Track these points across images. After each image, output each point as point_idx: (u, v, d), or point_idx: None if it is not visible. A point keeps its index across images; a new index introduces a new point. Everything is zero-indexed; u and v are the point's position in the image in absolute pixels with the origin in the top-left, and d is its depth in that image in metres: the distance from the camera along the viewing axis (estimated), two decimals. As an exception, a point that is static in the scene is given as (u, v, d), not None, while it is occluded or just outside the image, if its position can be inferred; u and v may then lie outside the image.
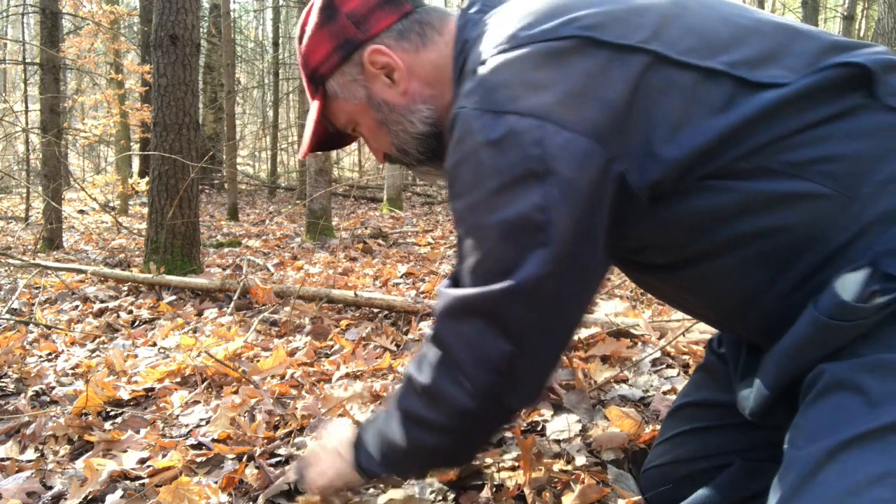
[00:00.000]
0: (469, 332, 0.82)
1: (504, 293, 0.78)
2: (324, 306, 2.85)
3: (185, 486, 1.26)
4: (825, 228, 0.76)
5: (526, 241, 0.77)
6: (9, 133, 11.34)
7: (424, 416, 0.89)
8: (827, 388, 0.73)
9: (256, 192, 14.31)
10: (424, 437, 0.91)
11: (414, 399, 0.90)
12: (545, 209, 0.76)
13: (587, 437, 1.45)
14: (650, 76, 0.77)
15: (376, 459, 0.99)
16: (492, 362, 0.81)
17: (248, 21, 21.33)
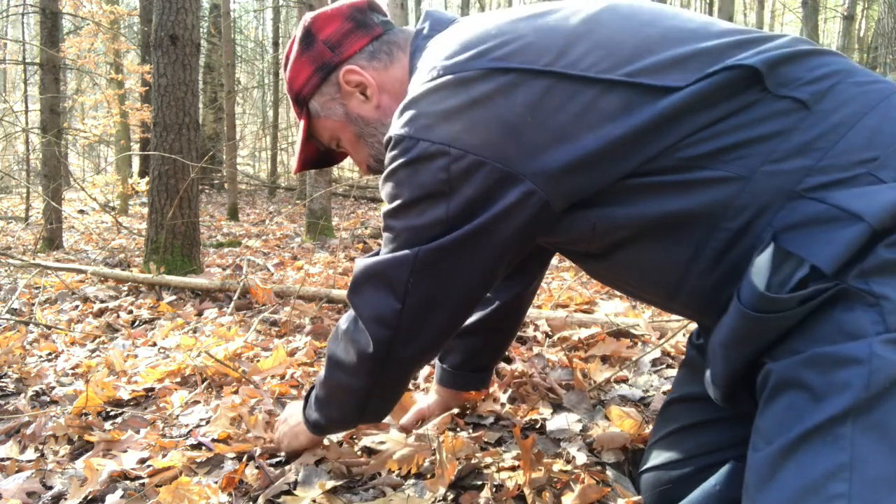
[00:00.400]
0: (364, 294, 1.00)
1: (398, 260, 0.93)
2: (324, 306, 2.85)
3: (185, 486, 1.26)
4: (729, 209, 0.82)
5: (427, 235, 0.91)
6: (9, 133, 11.33)
7: (341, 357, 1.07)
8: (776, 388, 0.76)
9: (256, 192, 14.32)
10: (340, 376, 1.09)
11: (335, 343, 1.09)
12: (445, 222, 0.90)
13: (587, 437, 1.45)
14: (552, 95, 0.84)
15: (313, 406, 1.19)
16: (384, 317, 0.98)
17: (248, 21, 21.35)
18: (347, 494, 1.27)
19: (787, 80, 0.83)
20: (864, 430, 0.68)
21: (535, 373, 1.84)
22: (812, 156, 0.79)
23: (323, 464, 1.37)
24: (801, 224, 0.78)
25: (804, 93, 0.82)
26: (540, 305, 2.71)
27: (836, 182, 0.78)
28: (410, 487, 1.28)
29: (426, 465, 1.35)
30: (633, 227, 0.88)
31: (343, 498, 1.25)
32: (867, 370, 0.69)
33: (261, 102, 20.03)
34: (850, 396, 0.69)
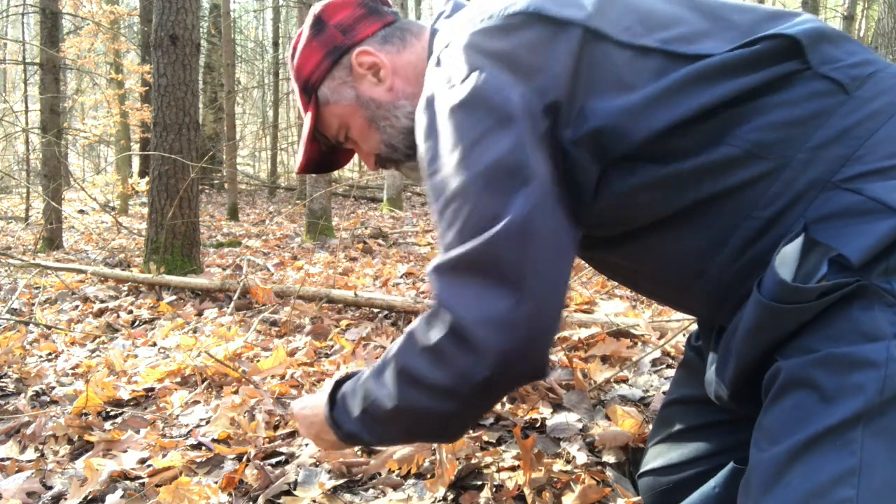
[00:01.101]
0: (469, 291, 0.79)
1: (496, 238, 0.77)
2: (324, 306, 2.85)
3: (185, 486, 1.26)
4: (759, 196, 0.79)
5: (508, 184, 0.78)
6: (9, 133, 11.34)
7: (426, 376, 0.82)
8: (784, 387, 0.75)
9: (256, 192, 14.31)
10: (420, 398, 0.84)
11: (415, 357, 0.84)
12: (516, 150, 0.79)
13: (587, 437, 1.45)
14: (590, 50, 0.83)
15: (354, 415, 0.94)
16: (497, 318, 0.77)
17: (248, 21, 21.35)
18: (347, 494, 1.27)
19: (827, 59, 0.80)
20: (875, 434, 0.67)
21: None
22: (849, 144, 0.77)
23: (323, 464, 1.37)
24: (835, 215, 0.75)
25: (844, 75, 0.79)
26: (540, 305, 2.70)
27: (873, 172, 0.75)
28: (410, 487, 1.28)
29: (426, 465, 1.35)
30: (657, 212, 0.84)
31: (343, 498, 1.25)
32: (882, 374, 0.68)
33: (261, 102, 20.03)
34: (862, 400, 0.68)
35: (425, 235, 6.24)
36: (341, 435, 0.98)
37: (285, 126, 18.11)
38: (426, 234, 6.39)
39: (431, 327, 0.82)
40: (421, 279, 3.75)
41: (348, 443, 1.03)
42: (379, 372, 0.91)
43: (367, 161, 1.12)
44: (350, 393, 0.96)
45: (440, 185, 0.83)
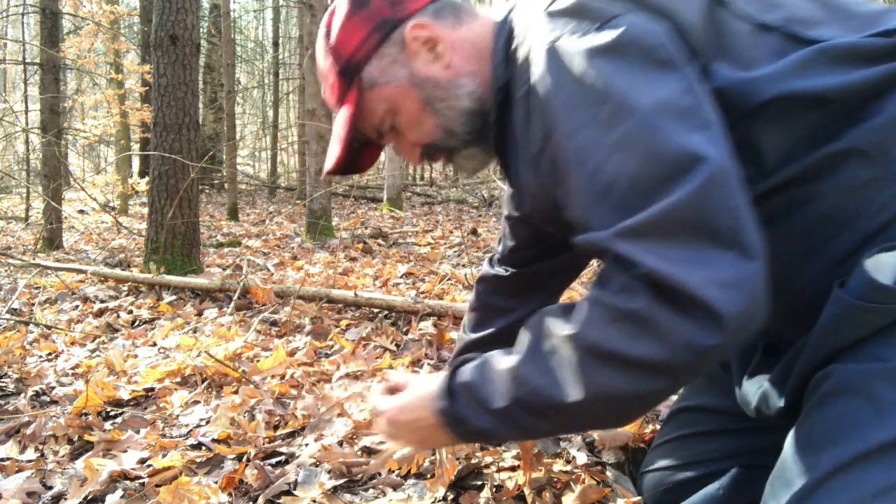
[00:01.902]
0: (682, 250, 0.66)
1: (702, 188, 0.65)
2: (324, 306, 2.85)
3: (185, 486, 1.26)
4: (865, 204, 0.74)
5: (689, 126, 0.68)
6: (9, 133, 11.34)
7: (631, 350, 0.68)
8: (835, 392, 0.72)
9: (256, 192, 14.32)
10: (618, 379, 0.69)
11: (611, 328, 0.69)
12: (687, 92, 0.70)
13: (587, 437, 1.45)
14: (715, 12, 0.78)
15: (493, 407, 0.77)
16: (727, 277, 0.65)
17: (248, 21, 21.36)
18: (347, 494, 1.27)
19: None
20: None
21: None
22: None
23: (323, 464, 1.37)
24: None
25: None
26: (540, 305, 2.70)
27: None
28: (410, 487, 1.28)
29: (426, 465, 1.35)
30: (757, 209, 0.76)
31: (343, 498, 1.25)
32: None
33: (261, 102, 20.03)
34: None
35: (425, 235, 6.24)
36: (463, 432, 0.82)
37: (285, 126, 18.11)
38: (426, 234, 6.39)
39: (628, 292, 0.68)
40: (421, 279, 3.75)
41: (467, 441, 0.89)
42: (531, 355, 0.75)
43: (409, 154, 0.99)
44: (480, 383, 0.80)
45: (591, 137, 0.71)
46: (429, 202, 10.67)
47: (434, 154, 0.98)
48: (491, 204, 9.50)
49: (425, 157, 0.99)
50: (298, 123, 13.00)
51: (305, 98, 6.75)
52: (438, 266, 4.29)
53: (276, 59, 14.92)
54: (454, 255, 4.87)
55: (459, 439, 0.86)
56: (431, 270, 4.07)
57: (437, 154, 0.98)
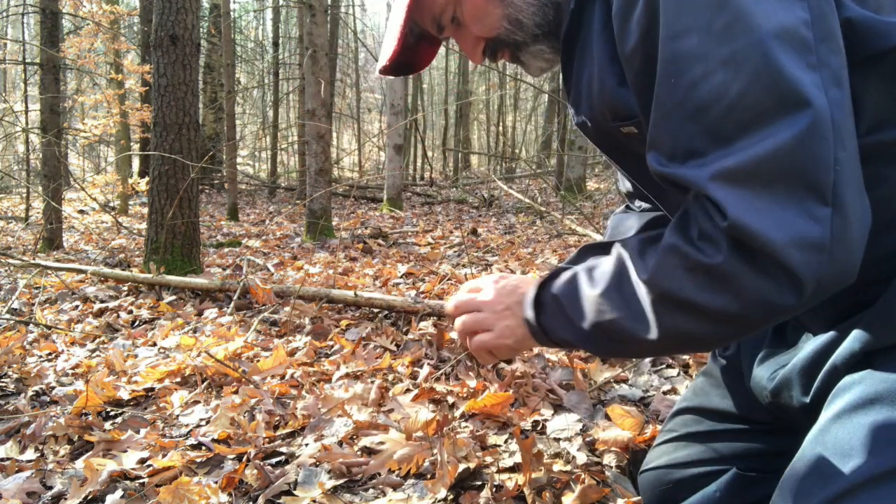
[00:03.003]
0: (772, 203, 0.62)
1: (804, 134, 0.61)
2: (324, 306, 2.85)
3: (185, 486, 1.26)
4: None
5: (802, 60, 0.62)
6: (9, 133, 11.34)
7: (704, 301, 0.67)
8: (873, 398, 0.69)
9: (256, 192, 14.32)
10: (691, 324, 0.70)
11: (686, 278, 0.68)
12: (813, 24, 0.63)
13: (587, 437, 1.45)
14: None
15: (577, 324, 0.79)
16: (812, 238, 0.61)
17: (248, 21, 21.35)
18: (347, 494, 1.27)
19: None
20: None
21: (535, 373, 1.84)
22: None
23: (323, 464, 1.37)
24: None
25: None
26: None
27: None
28: (410, 487, 1.28)
29: (426, 466, 1.35)
30: None
31: (343, 498, 1.25)
32: None
33: (261, 102, 20.03)
34: None
35: (425, 235, 6.24)
36: (547, 340, 0.84)
37: (285, 126, 18.11)
38: (426, 234, 6.39)
39: (707, 242, 0.66)
40: (421, 279, 3.75)
41: (551, 347, 0.88)
42: (617, 286, 0.76)
43: (472, 52, 0.92)
44: (568, 299, 0.80)
45: (698, 48, 0.65)
46: (429, 202, 10.67)
47: (497, 50, 0.91)
48: (491, 204, 9.50)
49: (488, 54, 0.92)
50: (298, 123, 13.00)
51: (305, 98, 6.75)
52: (438, 266, 4.29)
53: (276, 59, 14.92)
54: (454, 255, 4.87)
55: (541, 344, 0.87)
56: (431, 270, 4.07)
57: (501, 50, 0.91)
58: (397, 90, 8.83)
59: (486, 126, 20.12)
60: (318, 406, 1.68)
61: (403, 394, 1.76)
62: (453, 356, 2.07)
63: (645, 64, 0.71)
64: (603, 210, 7.34)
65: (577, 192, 9.04)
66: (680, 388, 1.75)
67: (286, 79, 15.71)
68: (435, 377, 1.93)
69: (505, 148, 18.52)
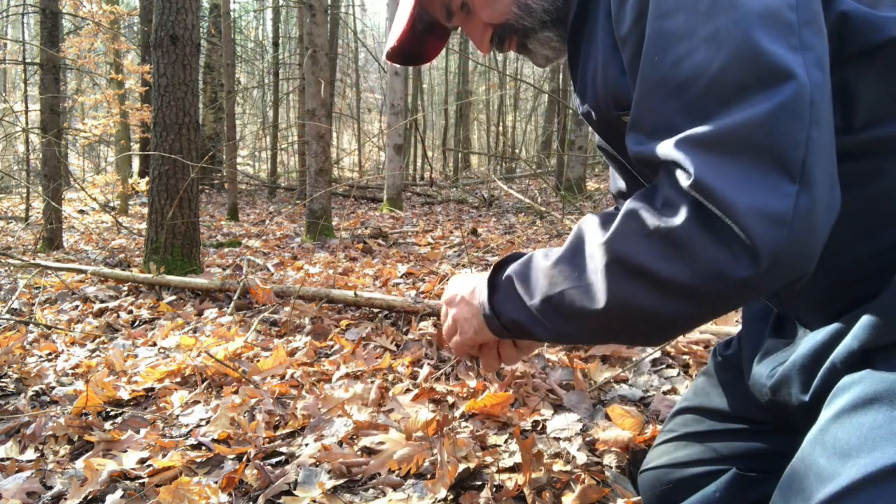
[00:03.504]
0: (739, 171, 0.61)
1: (779, 108, 0.61)
2: (324, 306, 2.85)
3: (185, 486, 1.26)
4: None
5: (785, 40, 0.63)
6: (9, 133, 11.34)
7: (657, 268, 0.65)
8: (873, 398, 0.69)
9: (256, 192, 14.32)
10: (641, 295, 0.67)
11: (641, 243, 0.66)
12: (797, 8, 0.64)
13: (587, 437, 1.45)
14: None
15: (528, 303, 0.77)
16: (774, 210, 0.61)
17: (248, 21, 21.36)
18: (347, 494, 1.27)
19: None
20: None
21: (535, 373, 1.84)
22: None
23: (323, 464, 1.37)
24: None
25: None
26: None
27: None
28: (410, 487, 1.28)
29: (426, 466, 1.35)
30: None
31: (343, 498, 1.25)
32: None
33: (261, 102, 20.04)
34: None
35: (425, 235, 6.24)
36: (498, 326, 0.82)
37: (285, 126, 18.12)
38: (426, 234, 6.39)
39: (668, 208, 0.65)
40: (421, 279, 3.75)
41: (507, 335, 0.85)
42: (570, 257, 0.74)
43: (480, 40, 0.92)
44: (520, 276, 0.79)
45: (683, 26, 0.65)
46: (429, 202, 10.67)
47: (505, 38, 0.91)
48: (491, 204, 9.50)
49: (496, 42, 0.92)
50: (298, 123, 13.01)
51: (305, 98, 6.75)
52: (438, 266, 4.29)
53: (276, 59, 14.92)
54: (454, 255, 4.87)
55: (499, 332, 0.84)
56: (431, 270, 4.07)
57: (509, 38, 0.91)
58: (397, 90, 8.83)
59: (486, 126, 20.12)
60: (318, 406, 1.68)
61: (403, 394, 1.76)
62: (453, 356, 2.07)
63: (637, 47, 0.71)
64: (603, 210, 7.34)
65: (577, 192, 9.04)
66: (680, 388, 1.75)
67: (286, 79, 15.71)
68: (435, 377, 1.93)
69: (505, 148, 18.53)
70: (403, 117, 9.22)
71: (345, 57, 17.95)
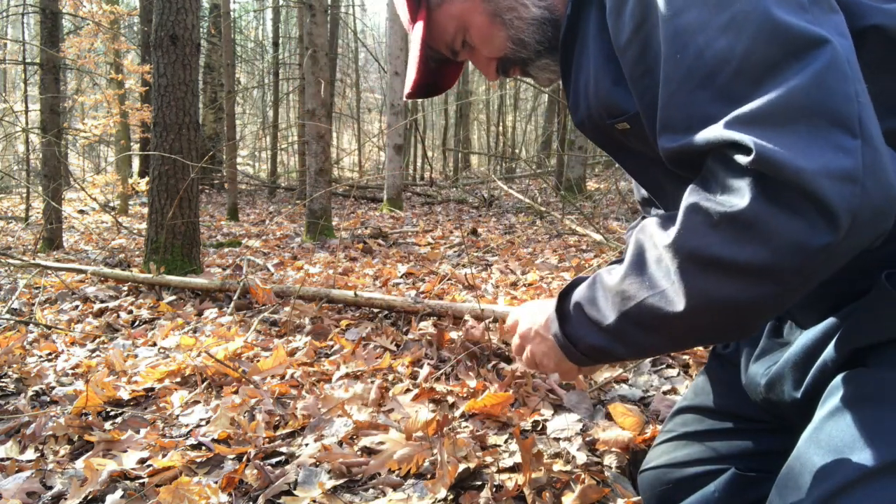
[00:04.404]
0: (799, 137, 0.60)
1: (823, 71, 0.60)
2: (324, 306, 2.85)
3: (185, 486, 1.26)
4: None
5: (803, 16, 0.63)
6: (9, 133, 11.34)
7: (731, 255, 0.63)
8: (865, 396, 0.70)
9: (256, 192, 14.32)
10: (722, 286, 0.65)
11: (709, 235, 0.64)
12: None
13: (587, 437, 1.45)
14: None
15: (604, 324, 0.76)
16: (843, 168, 0.58)
17: (248, 21, 21.35)
18: (347, 494, 1.27)
19: None
20: None
21: (535, 373, 1.84)
22: None
23: (323, 464, 1.37)
24: None
25: None
26: (540, 305, 2.70)
27: None
28: (410, 487, 1.28)
29: (426, 466, 1.35)
30: None
31: (343, 498, 1.25)
32: None
33: (261, 102, 20.04)
34: None
35: (425, 235, 6.24)
36: (577, 354, 0.82)
37: (285, 126, 18.12)
38: (426, 234, 6.39)
39: (730, 192, 0.63)
40: (421, 279, 3.75)
41: (588, 362, 0.83)
42: (637, 268, 0.72)
43: (486, 70, 1.00)
44: (589, 300, 0.79)
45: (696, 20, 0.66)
46: (429, 202, 10.67)
47: (508, 67, 0.98)
48: (491, 204, 9.50)
49: (501, 72, 0.99)
50: (298, 123, 13.00)
51: (305, 98, 6.75)
52: (438, 266, 4.29)
53: (276, 59, 14.92)
54: (454, 255, 4.87)
55: (579, 361, 0.83)
56: (431, 270, 4.07)
57: (512, 67, 0.98)
58: (397, 90, 8.83)
59: (486, 126, 20.11)
60: (318, 406, 1.68)
61: (403, 394, 1.76)
62: (453, 356, 2.07)
63: (640, 53, 0.72)
64: (602, 210, 7.34)
65: (577, 192, 9.04)
66: (680, 388, 1.75)
67: (286, 79, 15.71)
68: (435, 377, 1.93)
69: (505, 148, 18.53)
70: (403, 117, 9.22)
71: (345, 57, 17.95)
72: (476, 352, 2.08)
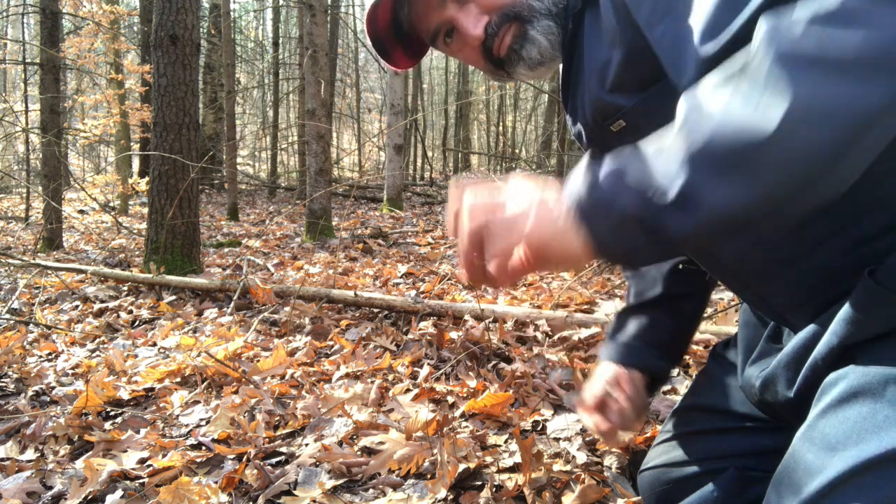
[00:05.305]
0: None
1: None
2: (324, 306, 2.85)
3: (185, 486, 1.26)
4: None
5: None
6: (9, 133, 11.34)
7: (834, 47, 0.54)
8: (857, 392, 0.70)
9: (256, 192, 14.32)
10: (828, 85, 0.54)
11: (808, 33, 0.55)
12: None
13: (587, 437, 1.45)
14: None
15: (661, 181, 0.59)
16: None
17: (248, 21, 21.35)
18: (347, 494, 1.27)
19: None
20: None
21: (535, 373, 1.84)
22: None
23: (323, 464, 1.37)
24: None
25: None
26: (540, 306, 2.71)
27: None
28: (410, 487, 1.28)
29: (426, 465, 1.35)
30: None
31: (343, 498, 1.25)
32: None
33: (261, 102, 20.04)
34: None
35: (425, 235, 6.24)
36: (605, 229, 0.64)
37: (285, 126, 18.11)
38: (426, 234, 6.39)
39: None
40: (421, 279, 3.75)
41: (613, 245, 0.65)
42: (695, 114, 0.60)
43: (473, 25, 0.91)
44: (624, 167, 0.64)
45: None
46: (429, 202, 10.67)
47: (502, 26, 0.89)
48: (491, 204, 9.48)
49: (490, 31, 0.89)
50: (298, 123, 13.00)
51: (305, 98, 6.75)
52: (438, 266, 4.29)
53: (276, 59, 14.92)
54: (454, 255, 4.87)
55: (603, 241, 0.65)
56: (431, 270, 4.07)
57: (506, 26, 0.89)
58: (397, 90, 8.83)
59: (486, 126, 20.11)
60: (318, 406, 1.68)
61: (403, 394, 1.76)
62: (453, 356, 2.07)
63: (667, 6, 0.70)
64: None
65: (577, 192, 9.03)
66: (680, 388, 1.75)
67: (286, 79, 15.71)
68: (435, 377, 1.93)
69: (505, 148, 18.53)
70: (403, 117, 9.22)
71: (345, 57, 17.95)
72: (476, 352, 2.08)
